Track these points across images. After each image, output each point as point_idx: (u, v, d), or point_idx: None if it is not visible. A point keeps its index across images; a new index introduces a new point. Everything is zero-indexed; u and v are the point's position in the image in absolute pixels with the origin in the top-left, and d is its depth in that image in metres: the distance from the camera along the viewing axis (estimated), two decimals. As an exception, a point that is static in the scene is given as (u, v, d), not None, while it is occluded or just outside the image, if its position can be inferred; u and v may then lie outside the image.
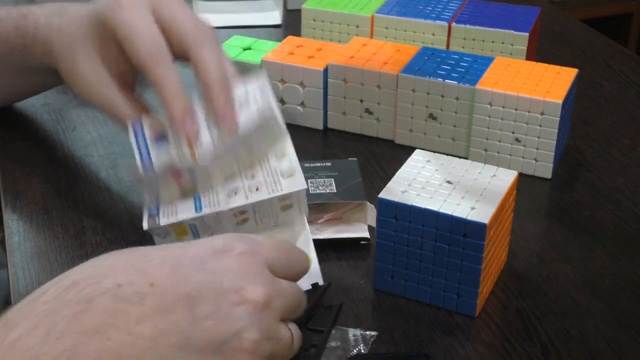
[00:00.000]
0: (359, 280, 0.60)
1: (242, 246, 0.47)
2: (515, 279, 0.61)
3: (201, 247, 0.46)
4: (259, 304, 0.45)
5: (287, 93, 0.80)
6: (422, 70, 0.75)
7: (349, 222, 0.64)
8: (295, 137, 0.80)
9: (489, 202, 0.55)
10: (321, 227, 0.64)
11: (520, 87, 0.72)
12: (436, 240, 0.55)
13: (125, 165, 0.67)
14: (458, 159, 0.60)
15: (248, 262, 0.46)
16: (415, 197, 0.55)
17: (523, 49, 0.86)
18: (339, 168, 0.68)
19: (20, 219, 0.67)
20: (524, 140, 0.72)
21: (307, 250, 0.57)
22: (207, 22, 0.63)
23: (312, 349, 0.52)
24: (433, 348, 0.54)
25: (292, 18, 1.06)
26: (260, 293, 0.45)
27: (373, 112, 0.78)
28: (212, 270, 0.45)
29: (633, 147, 0.79)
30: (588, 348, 0.55)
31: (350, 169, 0.69)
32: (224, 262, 0.45)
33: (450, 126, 0.75)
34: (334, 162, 0.69)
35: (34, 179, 0.72)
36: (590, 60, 0.98)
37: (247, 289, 0.45)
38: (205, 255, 0.45)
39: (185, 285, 0.43)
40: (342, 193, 0.65)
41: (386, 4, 0.93)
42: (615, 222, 0.68)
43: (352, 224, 0.64)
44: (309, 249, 0.58)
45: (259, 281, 0.45)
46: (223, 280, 0.45)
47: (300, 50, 0.81)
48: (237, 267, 0.45)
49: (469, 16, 0.89)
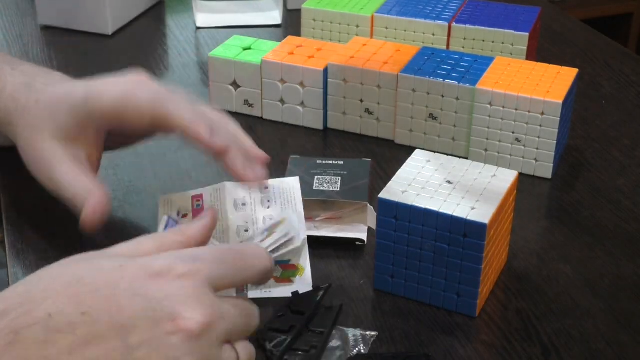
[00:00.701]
0: (359, 280, 0.60)
1: (181, 267, 0.45)
2: (515, 279, 0.61)
3: (140, 270, 0.44)
4: (194, 333, 0.43)
5: (287, 93, 0.80)
6: (422, 70, 0.75)
7: (348, 223, 0.64)
8: (296, 137, 0.80)
9: (489, 202, 0.55)
10: (320, 224, 0.64)
11: (521, 87, 0.72)
12: (436, 240, 0.55)
13: None
14: (458, 159, 0.60)
15: (187, 286, 0.44)
16: (415, 197, 0.55)
17: (523, 49, 0.86)
18: (350, 167, 0.68)
19: (20, 219, 0.67)
20: (524, 140, 0.72)
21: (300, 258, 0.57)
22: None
23: (312, 350, 0.52)
24: (433, 348, 0.54)
25: (292, 18, 1.06)
26: (197, 321, 0.43)
27: (373, 112, 0.78)
28: (148, 296, 0.43)
29: (633, 147, 0.79)
30: (588, 348, 0.55)
31: (361, 169, 0.68)
32: (161, 287, 0.44)
33: (451, 126, 0.75)
34: (346, 161, 0.69)
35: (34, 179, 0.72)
36: (590, 60, 0.98)
37: (184, 315, 0.43)
38: (143, 279, 0.44)
39: (119, 314, 0.42)
40: (344, 192, 0.65)
41: (386, 4, 0.93)
42: (615, 222, 0.68)
43: (351, 224, 0.64)
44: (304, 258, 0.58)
45: (197, 307, 0.44)
46: (158, 307, 0.43)
47: (300, 50, 0.81)
48: (176, 292, 0.44)
49: (469, 16, 0.89)
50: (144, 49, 1.00)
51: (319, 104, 0.80)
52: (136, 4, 1.07)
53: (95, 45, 1.00)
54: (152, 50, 0.99)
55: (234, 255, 0.48)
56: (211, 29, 1.05)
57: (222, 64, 0.81)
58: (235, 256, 0.48)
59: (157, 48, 1.00)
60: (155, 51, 0.99)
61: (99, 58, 0.97)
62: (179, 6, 1.12)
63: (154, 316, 0.43)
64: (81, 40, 1.01)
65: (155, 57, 0.97)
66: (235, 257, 0.48)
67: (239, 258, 0.48)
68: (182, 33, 1.04)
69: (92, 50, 0.99)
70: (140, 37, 1.03)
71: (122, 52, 0.99)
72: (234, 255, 0.48)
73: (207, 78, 0.86)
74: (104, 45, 1.00)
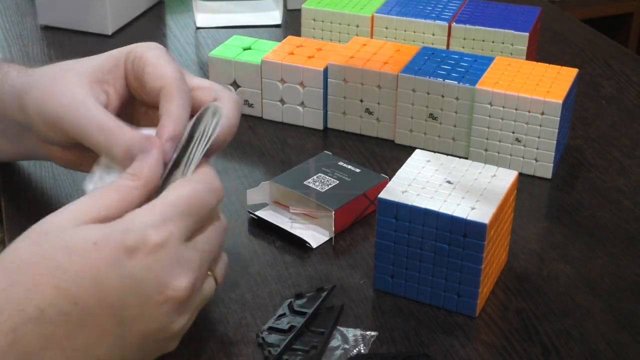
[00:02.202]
0: (359, 280, 0.60)
1: (154, 235, 0.46)
2: (515, 279, 0.61)
3: (115, 250, 0.45)
4: (184, 298, 0.46)
5: (287, 93, 0.80)
6: (422, 70, 0.75)
7: (317, 224, 0.65)
8: (296, 137, 0.80)
9: (489, 202, 0.55)
10: (294, 216, 0.65)
11: (521, 87, 0.72)
12: (436, 240, 0.55)
13: None
14: (458, 159, 0.60)
15: (165, 254, 0.46)
16: (415, 197, 0.55)
17: (523, 49, 0.86)
18: (358, 177, 0.67)
19: (20, 219, 0.67)
20: (524, 140, 0.72)
21: None
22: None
23: (312, 350, 0.52)
24: (433, 348, 0.54)
25: (292, 18, 1.06)
26: (184, 287, 0.46)
27: (373, 112, 0.78)
28: (131, 274, 0.45)
29: (633, 147, 0.79)
30: (588, 348, 0.55)
31: (367, 182, 0.67)
32: (140, 262, 0.45)
33: (451, 126, 0.75)
34: (362, 171, 0.68)
35: (34, 179, 0.72)
36: (590, 60, 0.98)
37: (170, 286, 0.46)
38: (120, 257, 0.45)
39: (107, 297, 0.44)
40: (322, 195, 0.65)
41: (386, 4, 0.93)
42: (615, 222, 0.68)
43: (318, 226, 0.65)
44: None
45: (180, 272, 0.46)
46: (144, 283, 0.45)
47: (300, 50, 0.81)
48: (155, 264, 0.45)
49: (469, 16, 0.89)
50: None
51: (319, 104, 0.80)
52: (136, 4, 1.07)
53: (95, 45, 1.00)
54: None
55: (194, 202, 0.48)
56: (211, 29, 1.05)
57: (222, 64, 0.81)
58: (195, 202, 0.48)
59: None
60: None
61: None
62: (179, 6, 1.12)
63: (141, 293, 0.45)
64: (81, 40, 1.01)
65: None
66: (196, 202, 0.49)
67: (198, 201, 0.49)
68: (182, 33, 1.04)
69: (93, 50, 0.99)
70: (141, 37, 1.03)
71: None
72: (194, 201, 0.48)
73: (207, 78, 0.86)
74: (104, 45, 1.00)
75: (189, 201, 0.48)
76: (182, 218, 0.47)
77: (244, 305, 0.57)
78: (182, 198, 0.48)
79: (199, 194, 0.49)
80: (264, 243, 0.64)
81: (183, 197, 0.48)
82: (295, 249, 0.63)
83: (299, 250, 0.63)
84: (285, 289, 0.59)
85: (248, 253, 0.63)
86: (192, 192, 0.49)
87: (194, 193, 0.49)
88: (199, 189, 0.49)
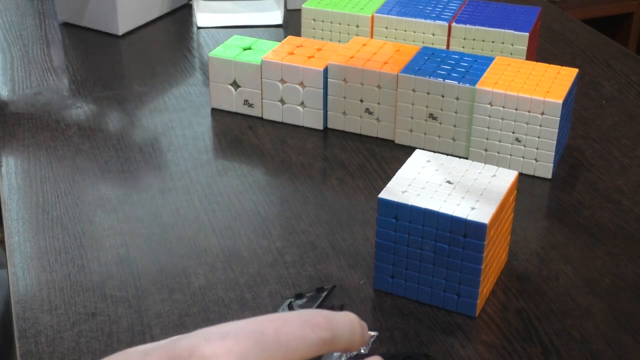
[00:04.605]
0: (359, 280, 0.60)
1: (206, 348, 0.37)
2: (515, 279, 0.61)
3: (158, 358, 0.36)
4: None
5: (287, 93, 0.80)
6: (422, 70, 0.75)
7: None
8: (296, 137, 0.80)
9: (489, 202, 0.55)
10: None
11: (521, 87, 0.72)
12: (436, 241, 0.55)
13: None
14: (458, 159, 0.60)
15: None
16: (415, 197, 0.55)
17: (523, 49, 0.86)
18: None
19: (20, 219, 0.67)
20: (524, 140, 0.72)
21: None
22: None
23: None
24: (433, 348, 0.54)
25: (292, 18, 1.06)
26: None
27: (373, 112, 0.78)
28: None
29: (633, 147, 0.79)
30: (588, 348, 0.55)
31: None
32: None
33: (451, 126, 0.75)
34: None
35: (34, 178, 0.72)
36: (590, 60, 0.98)
37: None
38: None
39: None
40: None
41: (386, 4, 0.93)
42: (615, 222, 0.68)
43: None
44: None
45: None
46: None
47: (300, 50, 0.81)
48: None
49: (469, 16, 0.89)
50: (144, 49, 1.00)
51: (319, 104, 0.80)
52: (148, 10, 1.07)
53: (98, 45, 1.00)
54: (152, 50, 0.99)
55: (274, 330, 0.38)
56: (211, 29, 1.05)
57: (222, 64, 0.81)
58: (280, 335, 0.38)
59: (157, 48, 1.00)
60: (155, 51, 0.99)
61: (98, 58, 0.97)
62: (180, 6, 1.12)
63: None
64: (81, 40, 1.01)
65: (155, 57, 0.97)
66: (277, 332, 0.38)
67: (281, 334, 0.38)
68: (182, 33, 1.04)
69: (92, 50, 0.99)
70: (142, 37, 1.03)
71: (122, 52, 0.99)
72: (275, 329, 0.38)
73: (207, 78, 0.86)
74: (110, 45, 1.00)
75: (266, 324, 0.38)
76: (248, 339, 0.38)
77: (244, 305, 0.57)
78: (260, 319, 0.39)
79: (290, 326, 0.38)
80: (264, 243, 0.64)
81: (263, 319, 0.39)
82: (296, 249, 0.63)
83: (299, 250, 0.63)
84: (285, 289, 0.59)
85: (248, 253, 0.63)
86: (279, 319, 0.39)
87: (281, 321, 0.39)
88: (292, 320, 0.38)
